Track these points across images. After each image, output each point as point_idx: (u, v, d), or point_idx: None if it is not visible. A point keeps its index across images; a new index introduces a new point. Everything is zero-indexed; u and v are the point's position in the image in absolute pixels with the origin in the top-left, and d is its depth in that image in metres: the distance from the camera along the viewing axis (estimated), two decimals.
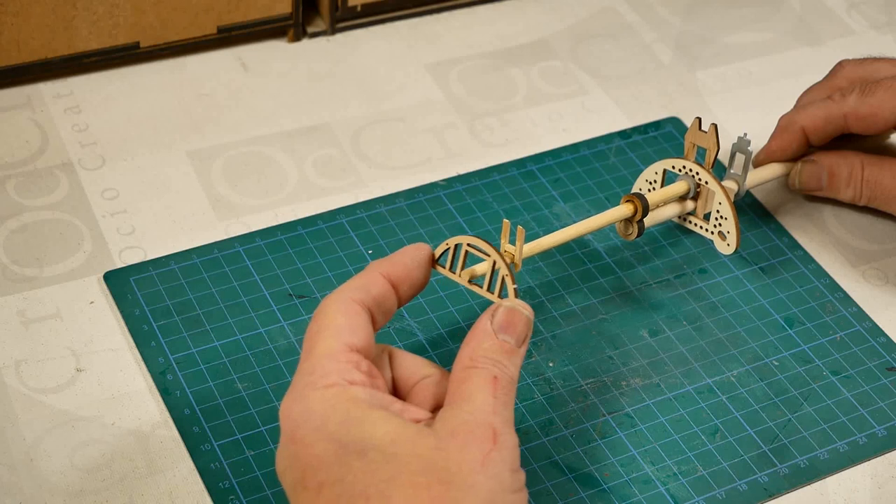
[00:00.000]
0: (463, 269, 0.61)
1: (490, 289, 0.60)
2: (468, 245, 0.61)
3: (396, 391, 0.58)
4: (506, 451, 0.53)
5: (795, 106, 0.78)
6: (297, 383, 0.54)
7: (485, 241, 0.60)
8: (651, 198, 0.70)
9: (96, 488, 0.61)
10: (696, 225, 0.73)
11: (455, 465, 0.52)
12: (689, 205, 0.72)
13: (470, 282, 0.61)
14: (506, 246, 0.62)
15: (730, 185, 0.73)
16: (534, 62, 0.87)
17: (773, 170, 0.76)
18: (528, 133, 0.82)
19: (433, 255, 0.61)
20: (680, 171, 0.71)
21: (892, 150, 0.79)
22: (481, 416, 0.53)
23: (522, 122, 0.83)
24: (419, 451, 0.52)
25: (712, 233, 0.72)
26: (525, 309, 0.58)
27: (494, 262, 0.60)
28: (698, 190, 0.72)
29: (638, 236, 0.70)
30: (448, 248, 0.61)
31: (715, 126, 0.70)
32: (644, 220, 0.70)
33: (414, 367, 0.58)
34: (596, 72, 0.87)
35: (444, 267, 0.62)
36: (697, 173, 0.71)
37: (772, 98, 0.86)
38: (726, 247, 0.72)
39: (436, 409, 0.56)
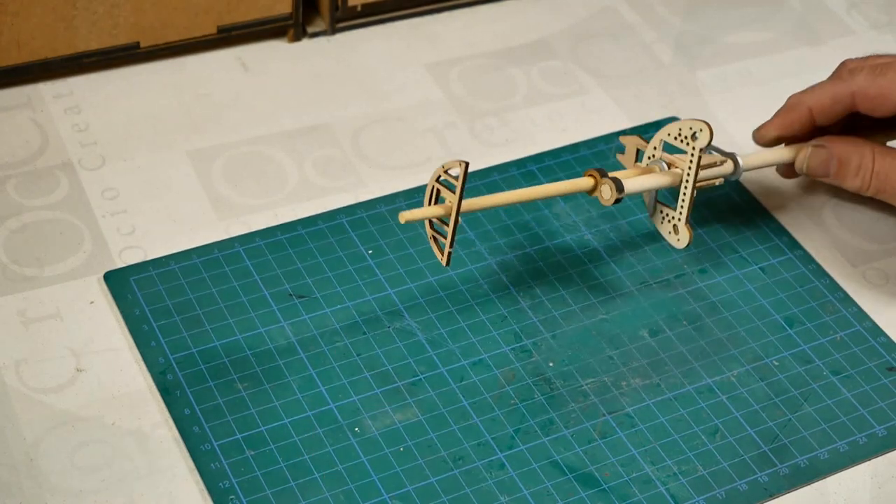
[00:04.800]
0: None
1: None
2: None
3: None
4: None
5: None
6: None
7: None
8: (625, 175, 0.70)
9: (96, 488, 0.61)
10: (663, 214, 0.73)
11: None
12: (664, 180, 0.71)
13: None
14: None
15: (720, 165, 0.73)
16: (534, 62, 0.87)
17: (779, 153, 0.75)
18: (528, 133, 0.82)
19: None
20: (676, 138, 0.71)
21: None
22: None
23: (522, 122, 0.83)
24: None
25: (671, 222, 0.72)
26: None
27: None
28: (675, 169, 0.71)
29: (619, 193, 0.68)
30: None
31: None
32: (620, 180, 0.69)
33: None
34: (596, 72, 0.87)
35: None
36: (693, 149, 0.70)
37: (772, 98, 0.85)
38: (677, 241, 0.71)
39: None
